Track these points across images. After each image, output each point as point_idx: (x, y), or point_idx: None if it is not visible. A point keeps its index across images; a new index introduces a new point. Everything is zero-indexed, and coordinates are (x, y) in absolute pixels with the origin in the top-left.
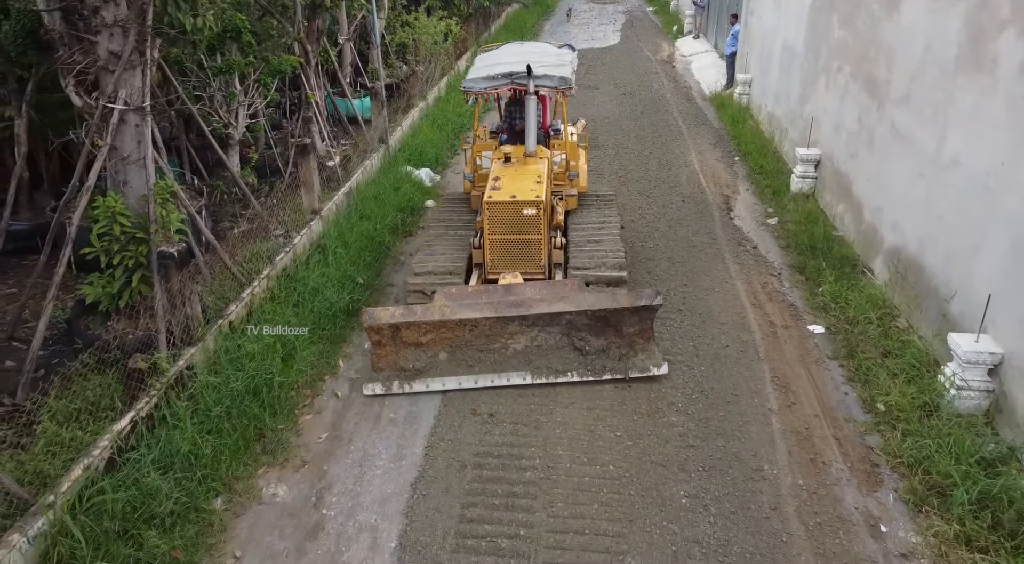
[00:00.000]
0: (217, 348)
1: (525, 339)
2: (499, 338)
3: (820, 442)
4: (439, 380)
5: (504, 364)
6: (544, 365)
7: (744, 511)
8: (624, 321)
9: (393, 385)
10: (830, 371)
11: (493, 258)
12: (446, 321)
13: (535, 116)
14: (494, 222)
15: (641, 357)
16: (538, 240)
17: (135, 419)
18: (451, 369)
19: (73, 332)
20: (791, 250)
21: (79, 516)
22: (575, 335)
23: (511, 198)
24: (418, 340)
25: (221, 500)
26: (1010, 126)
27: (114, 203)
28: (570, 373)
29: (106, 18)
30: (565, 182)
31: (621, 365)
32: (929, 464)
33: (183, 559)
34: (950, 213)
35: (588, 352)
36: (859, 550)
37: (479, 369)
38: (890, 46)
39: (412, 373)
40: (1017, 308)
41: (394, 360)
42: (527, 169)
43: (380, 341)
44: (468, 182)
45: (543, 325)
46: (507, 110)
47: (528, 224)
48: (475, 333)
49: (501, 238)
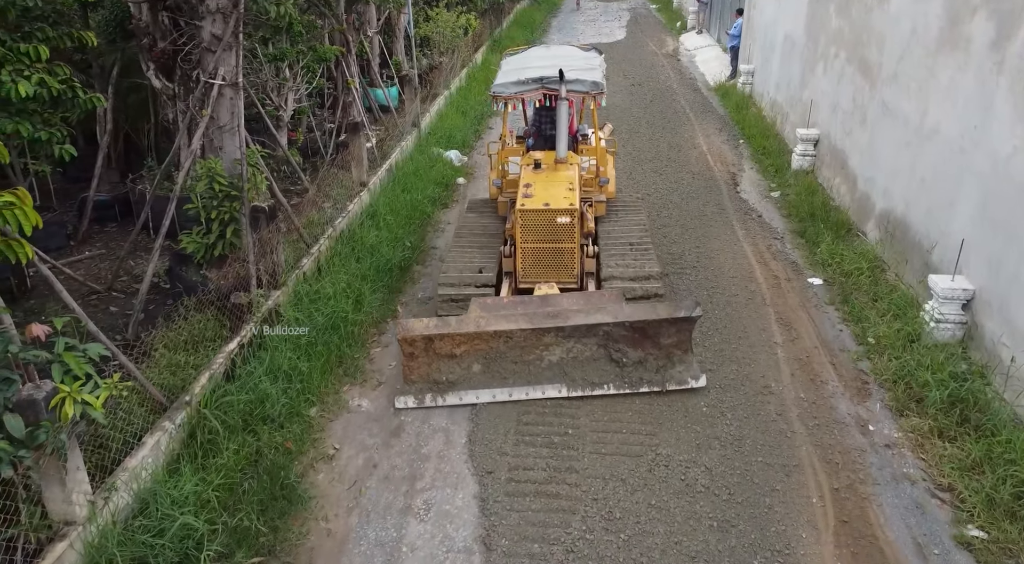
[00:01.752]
0: (298, 291)
1: (561, 351)
2: (534, 350)
3: (818, 367)
4: (472, 393)
5: (539, 376)
6: (580, 377)
7: (755, 416)
8: (662, 332)
9: (426, 398)
10: (827, 314)
11: (525, 267)
12: (481, 333)
13: (566, 121)
14: (527, 230)
15: (679, 369)
16: (571, 249)
17: (241, 343)
18: (485, 381)
19: (173, 279)
20: (792, 218)
21: (212, 411)
22: (612, 346)
23: (544, 206)
24: (452, 352)
25: (316, 409)
26: (980, 95)
27: (214, 164)
28: (606, 386)
29: (210, 6)
30: (595, 188)
31: (658, 377)
32: (910, 379)
33: (293, 449)
34: (931, 175)
35: (625, 364)
36: (850, 443)
37: (513, 381)
38: (880, 31)
39: (445, 385)
40: (985, 250)
41: (427, 372)
42: (558, 175)
43: (413, 353)
44: (495, 188)
45: (579, 337)
46: (535, 115)
47: (562, 232)
48: (510, 345)
49: (534, 247)
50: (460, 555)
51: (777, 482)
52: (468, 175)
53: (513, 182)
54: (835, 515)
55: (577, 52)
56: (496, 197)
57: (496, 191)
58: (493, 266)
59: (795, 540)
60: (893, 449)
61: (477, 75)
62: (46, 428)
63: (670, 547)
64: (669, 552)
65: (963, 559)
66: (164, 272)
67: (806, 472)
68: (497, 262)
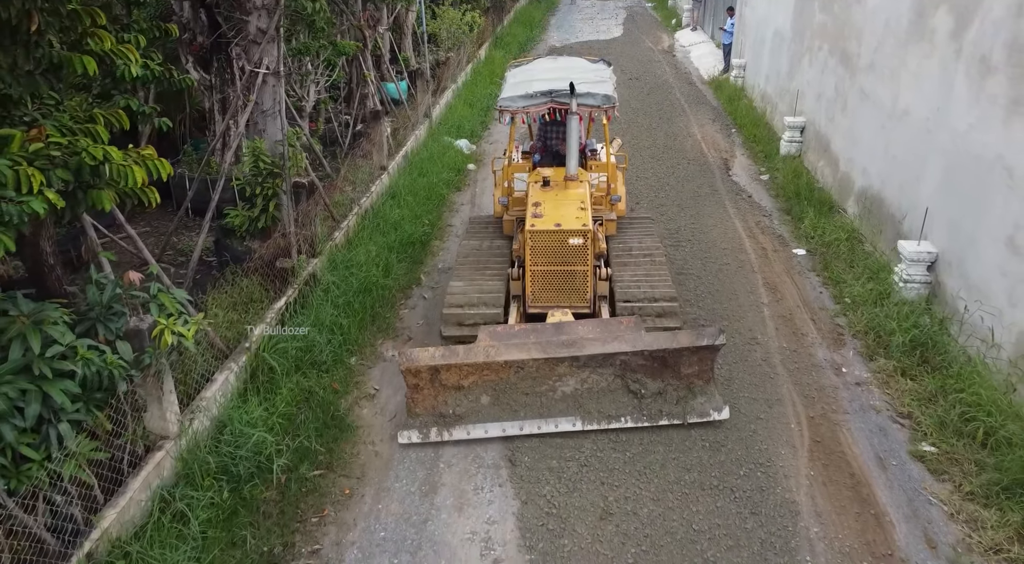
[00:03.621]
0: (333, 259)
1: (575, 381)
2: (546, 380)
3: (800, 322)
4: (481, 427)
5: (552, 408)
6: (595, 409)
7: (743, 361)
8: (683, 362)
9: (431, 433)
10: (809, 279)
11: (535, 291)
12: (490, 363)
13: (577, 137)
14: (537, 253)
15: (700, 400)
16: (584, 272)
17: (288, 301)
18: (494, 414)
19: (220, 250)
20: (780, 198)
21: (269, 354)
22: (629, 377)
23: (556, 227)
24: (459, 383)
25: (355, 358)
26: (942, 80)
27: (259, 145)
28: (623, 418)
29: (256, 2)
30: (606, 206)
31: (679, 409)
32: (880, 329)
33: (339, 389)
34: (902, 153)
35: (643, 395)
36: (825, 382)
37: (524, 414)
38: (859, 25)
39: (452, 419)
40: (946, 217)
41: (432, 405)
42: (569, 194)
43: (418, 384)
44: (501, 206)
45: (595, 366)
46: (541, 129)
47: (574, 255)
48: (521, 375)
49: (544, 270)
50: (490, 470)
51: (761, 412)
52: (477, 162)
53: (520, 200)
54: (810, 437)
55: (586, 64)
56: (501, 215)
57: (502, 209)
58: (501, 290)
59: (775, 456)
60: (862, 386)
61: (482, 70)
62: (149, 353)
63: (668, 461)
64: (668, 465)
65: (916, 468)
66: (211, 244)
67: (786, 404)
68: (505, 286)
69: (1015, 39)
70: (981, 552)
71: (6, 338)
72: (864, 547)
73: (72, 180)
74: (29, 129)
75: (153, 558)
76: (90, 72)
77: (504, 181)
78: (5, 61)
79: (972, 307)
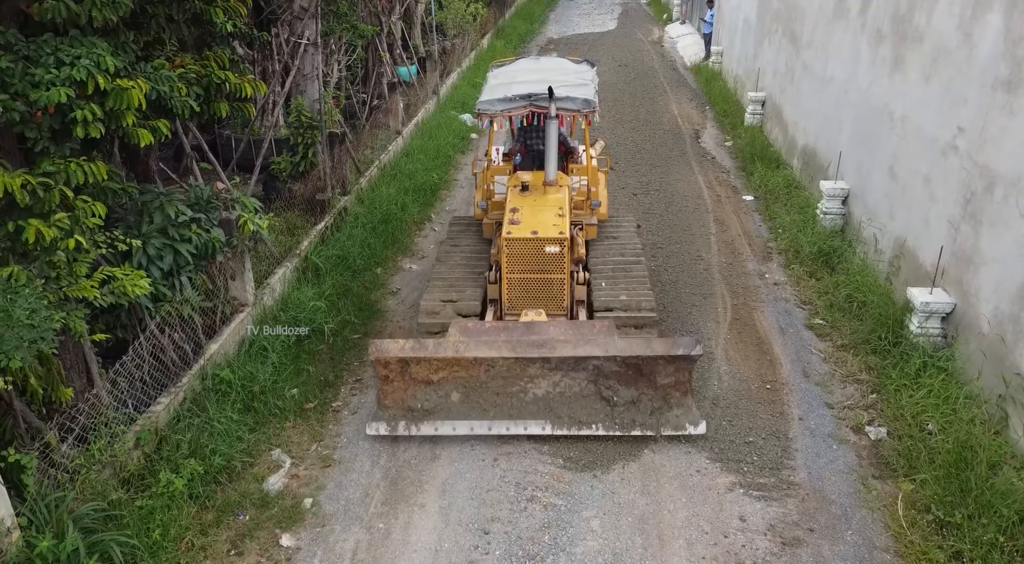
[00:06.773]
0: (360, 197)
1: (547, 384)
2: (518, 381)
3: (739, 246)
4: (449, 424)
5: (522, 410)
6: (567, 415)
7: (689, 271)
8: (658, 371)
9: (399, 426)
10: (753, 217)
11: (511, 298)
12: (460, 358)
13: (556, 142)
14: (513, 260)
15: (676, 413)
16: (561, 279)
17: (326, 225)
18: (464, 412)
19: (268, 190)
20: (739, 159)
21: (316, 258)
22: (602, 383)
23: (532, 234)
24: (428, 377)
25: (380, 269)
26: (853, 49)
27: (301, 102)
28: (595, 426)
29: None
30: (586, 210)
31: (653, 420)
32: (798, 246)
33: (369, 287)
34: (829, 112)
35: (616, 403)
36: (750, 283)
37: (494, 414)
38: (803, 8)
39: (420, 414)
40: (855, 159)
41: (402, 398)
42: (547, 199)
43: (387, 376)
44: (480, 210)
45: (567, 370)
46: (521, 130)
47: (551, 262)
48: (491, 374)
49: (520, 277)
50: None
51: (697, 301)
52: (480, 132)
53: (499, 204)
54: (731, 316)
55: (568, 65)
56: (481, 219)
57: (481, 213)
58: (478, 295)
59: (703, 327)
60: (779, 285)
61: (484, 57)
62: (237, 236)
63: None
64: None
65: (808, 334)
66: (259, 189)
67: (717, 297)
68: (482, 292)
69: (896, 12)
70: (840, 379)
71: (152, 207)
72: (758, 377)
73: (203, 93)
74: (171, 61)
75: (248, 370)
76: (218, 22)
77: (484, 184)
78: (163, 11)
79: (867, 225)
